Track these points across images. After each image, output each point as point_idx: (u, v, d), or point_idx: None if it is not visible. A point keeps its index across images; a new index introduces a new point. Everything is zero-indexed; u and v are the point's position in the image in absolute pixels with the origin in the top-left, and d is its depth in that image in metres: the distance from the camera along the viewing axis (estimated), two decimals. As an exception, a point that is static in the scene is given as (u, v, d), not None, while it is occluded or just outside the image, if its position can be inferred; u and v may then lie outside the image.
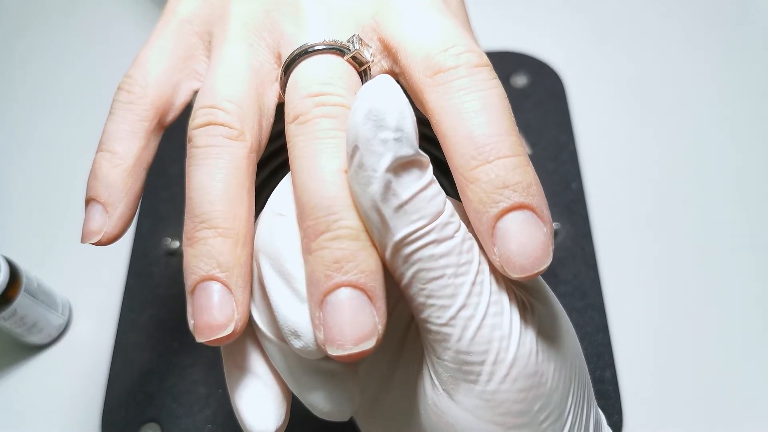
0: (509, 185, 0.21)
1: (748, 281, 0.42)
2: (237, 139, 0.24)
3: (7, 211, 0.51)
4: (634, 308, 0.42)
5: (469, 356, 0.21)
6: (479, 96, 0.22)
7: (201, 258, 0.23)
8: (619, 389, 0.39)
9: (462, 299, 0.21)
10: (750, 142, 0.47)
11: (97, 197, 0.26)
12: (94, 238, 0.25)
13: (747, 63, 0.51)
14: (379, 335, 0.21)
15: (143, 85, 0.27)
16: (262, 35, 0.27)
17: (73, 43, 0.59)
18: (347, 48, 0.25)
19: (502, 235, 0.21)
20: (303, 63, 0.25)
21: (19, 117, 0.56)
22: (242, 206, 0.23)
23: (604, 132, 0.48)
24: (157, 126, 0.27)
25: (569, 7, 0.55)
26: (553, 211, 0.45)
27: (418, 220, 0.20)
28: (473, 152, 0.21)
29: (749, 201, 0.45)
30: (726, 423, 0.38)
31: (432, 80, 0.23)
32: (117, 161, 0.26)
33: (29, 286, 0.41)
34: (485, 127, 0.21)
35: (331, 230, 0.21)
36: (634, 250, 0.44)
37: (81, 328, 0.45)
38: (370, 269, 0.21)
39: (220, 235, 0.23)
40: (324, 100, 0.23)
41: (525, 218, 0.21)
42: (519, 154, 0.21)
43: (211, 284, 0.22)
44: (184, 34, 0.28)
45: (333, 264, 0.21)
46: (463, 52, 0.23)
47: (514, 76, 0.51)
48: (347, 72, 0.24)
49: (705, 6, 0.54)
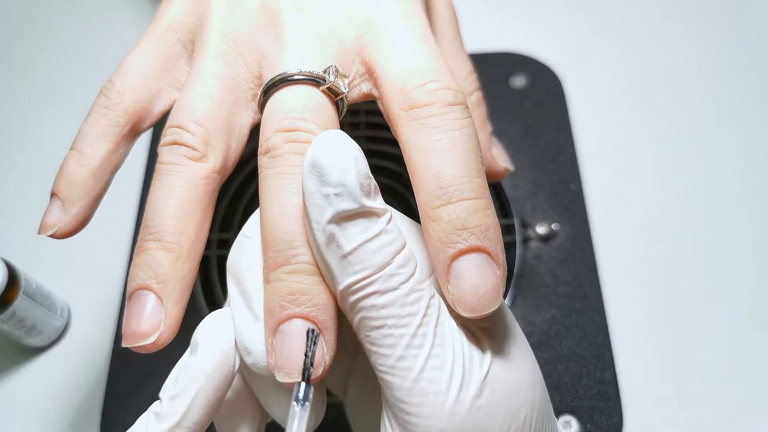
0: (468, 227, 0.21)
1: (747, 281, 0.42)
2: (199, 160, 0.25)
3: (6, 213, 0.51)
4: (634, 309, 0.42)
5: (407, 406, 0.21)
6: (449, 135, 0.23)
7: (142, 267, 0.24)
8: (619, 389, 0.39)
9: (400, 350, 0.21)
10: (750, 141, 0.47)
11: (58, 193, 0.27)
12: (48, 231, 0.27)
13: (747, 63, 0.51)
14: (326, 366, 0.22)
15: (120, 91, 0.28)
16: (242, 51, 0.27)
17: (73, 43, 0.59)
18: (323, 79, 0.25)
19: (457, 274, 0.21)
20: (279, 92, 0.25)
21: (19, 117, 0.56)
22: (192, 223, 0.25)
23: (604, 133, 0.48)
24: (130, 132, 0.28)
25: (569, 8, 0.55)
26: (553, 212, 0.45)
27: (360, 270, 0.21)
28: (437, 191, 0.22)
29: (749, 201, 0.45)
30: (726, 423, 0.38)
31: (406, 114, 0.23)
32: (83, 161, 0.27)
33: (28, 288, 0.41)
34: (451, 167, 0.22)
35: (289, 264, 0.22)
36: (633, 250, 0.44)
37: (80, 330, 0.45)
38: (322, 303, 0.22)
39: (164, 248, 0.24)
40: (294, 136, 0.24)
41: (479, 261, 0.21)
42: (481, 197, 0.22)
43: (145, 293, 0.24)
44: (169, 42, 0.29)
45: (288, 295, 0.22)
46: (439, 89, 0.23)
47: (513, 76, 0.51)
48: (321, 105, 0.25)
49: (704, 6, 0.54)
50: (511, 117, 0.49)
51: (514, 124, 0.49)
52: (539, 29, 0.54)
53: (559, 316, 0.41)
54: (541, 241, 0.44)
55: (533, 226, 0.44)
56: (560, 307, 0.41)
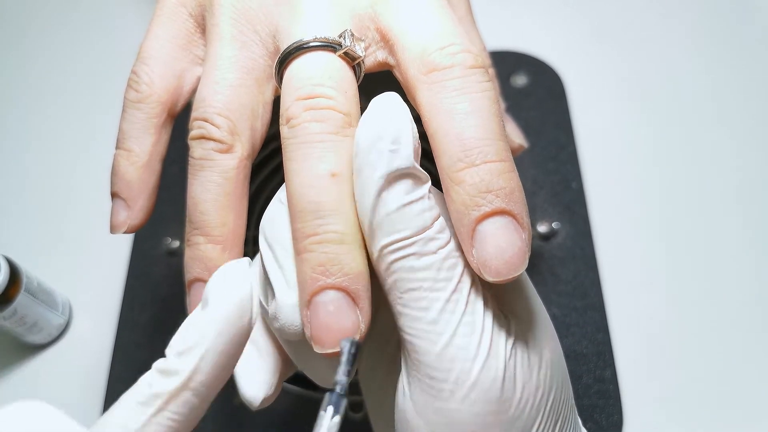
0: (493, 190, 0.21)
1: (748, 280, 0.42)
2: (228, 151, 0.26)
3: (7, 211, 0.51)
4: (634, 308, 0.42)
5: (433, 371, 0.21)
6: (471, 98, 0.22)
7: (194, 261, 0.26)
8: (619, 389, 0.39)
9: (433, 314, 0.21)
10: (750, 141, 0.47)
11: (119, 193, 0.28)
12: (120, 230, 0.28)
13: (747, 63, 0.50)
14: (361, 334, 0.22)
15: (149, 82, 0.28)
16: (256, 29, 0.27)
17: (73, 42, 0.59)
18: (339, 44, 0.25)
19: (482, 238, 0.21)
20: (296, 61, 0.25)
21: (20, 117, 0.56)
22: (231, 213, 0.26)
23: (604, 132, 0.48)
24: (167, 118, 0.29)
25: (569, 7, 0.55)
26: (553, 210, 0.45)
27: (402, 230, 0.21)
28: (460, 154, 0.22)
29: (749, 200, 0.45)
30: (726, 423, 0.38)
31: (426, 78, 0.23)
32: (133, 159, 0.28)
33: (29, 285, 0.41)
34: (474, 129, 0.22)
35: (317, 234, 0.22)
36: (633, 249, 0.44)
37: (81, 327, 0.45)
38: (354, 272, 0.22)
39: (210, 241, 0.26)
40: (313, 103, 0.24)
41: (505, 223, 0.21)
42: (505, 160, 0.22)
43: (201, 285, 0.26)
44: (181, 20, 0.29)
45: (318, 267, 0.22)
46: (459, 52, 0.23)
47: (514, 76, 0.51)
48: (339, 70, 0.25)
49: (705, 6, 0.54)
50: (511, 116, 0.49)
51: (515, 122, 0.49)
52: (540, 28, 0.54)
53: (560, 314, 0.41)
54: (541, 240, 0.44)
55: (534, 224, 0.44)
56: (560, 305, 0.42)
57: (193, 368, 0.20)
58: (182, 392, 0.20)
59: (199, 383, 0.20)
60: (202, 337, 0.20)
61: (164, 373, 0.20)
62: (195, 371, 0.20)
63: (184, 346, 0.20)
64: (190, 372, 0.20)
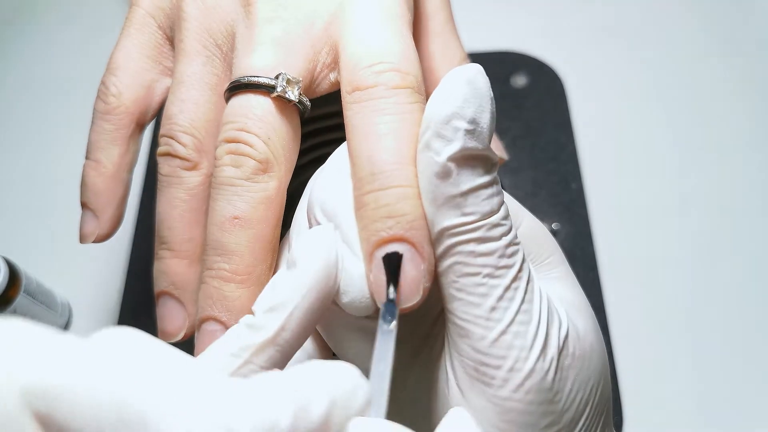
0: (394, 216, 0.21)
1: (747, 281, 0.42)
2: (194, 168, 0.27)
3: (7, 211, 0.51)
4: (634, 308, 0.42)
5: (486, 358, 0.21)
6: (389, 119, 0.22)
7: (162, 274, 0.27)
8: (619, 389, 0.39)
9: (493, 301, 0.21)
10: (750, 141, 0.47)
11: (88, 203, 0.29)
12: (89, 240, 0.29)
13: (747, 63, 0.50)
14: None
15: (117, 93, 0.29)
16: (218, 44, 0.27)
17: (73, 42, 0.59)
18: (273, 87, 0.25)
19: (378, 264, 0.21)
20: (234, 99, 0.25)
21: (19, 117, 0.56)
22: (197, 229, 0.26)
23: (604, 132, 0.48)
24: (136, 129, 0.29)
25: (569, 7, 0.55)
26: (553, 211, 0.45)
27: (468, 214, 0.20)
28: (369, 176, 0.21)
29: (749, 201, 0.45)
30: (726, 423, 0.38)
31: (350, 97, 0.23)
32: (101, 169, 0.29)
33: (29, 286, 0.41)
34: (386, 152, 0.22)
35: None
36: (633, 250, 0.44)
37: (80, 328, 0.45)
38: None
39: (176, 256, 0.26)
40: (233, 147, 0.25)
41: (403, 252, 0.21)
42: (412, 186, 0.21)
43: (165, 298, 0.27)
44: (149, 31, 0.29)
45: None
46: (386, 71, 0.23)
47: (513, 76, 0.51)
48: (268, 114, 0.25)
49: (705, 6, 0.54)
50: (511, 116, 0.49)
51: (515, 123, 0.49)
52: (540, 28, 0.54)
53: (560, 315, 0.41)
54: (541, 240, 0.44)
55: (534, 225, 0.44)
56: (560, 306, 0.41)
57: (281, 325, 0.20)
58: (267, 347, 0.20)
59: (284, 340, 0.20)
60: (291, 296, 0.20)
61: (252, 327, 0.20)
62: (282, 328, 0.20)
63: (272, 302, 0.20)
64: (278, 328, 0.20)
